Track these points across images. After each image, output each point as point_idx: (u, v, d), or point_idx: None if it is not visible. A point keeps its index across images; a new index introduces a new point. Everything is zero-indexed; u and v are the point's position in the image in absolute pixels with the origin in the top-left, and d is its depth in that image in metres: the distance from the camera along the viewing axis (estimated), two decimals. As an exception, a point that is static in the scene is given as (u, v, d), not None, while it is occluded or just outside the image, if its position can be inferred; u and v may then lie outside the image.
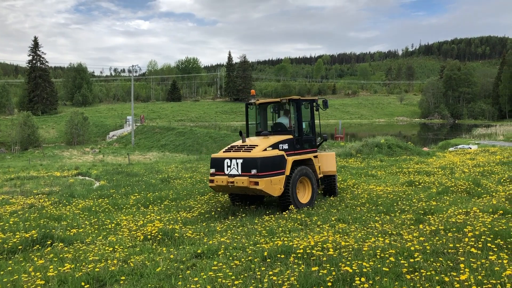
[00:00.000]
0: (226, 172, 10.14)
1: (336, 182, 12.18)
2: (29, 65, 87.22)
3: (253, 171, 9.71)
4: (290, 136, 10.86)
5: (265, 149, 10.11)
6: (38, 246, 7.75)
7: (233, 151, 10.39)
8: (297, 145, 10.99)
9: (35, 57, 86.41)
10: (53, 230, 8.60)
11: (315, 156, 11.53)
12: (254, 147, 10.24)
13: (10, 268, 6.49)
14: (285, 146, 10.57)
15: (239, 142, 10.87)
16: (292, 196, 10.25)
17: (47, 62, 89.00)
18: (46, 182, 18.66)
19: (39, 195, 14.58)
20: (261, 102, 11.96)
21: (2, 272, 6.30)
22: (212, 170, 10.44)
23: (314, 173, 11.14)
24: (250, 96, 12.20)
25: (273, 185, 9.82)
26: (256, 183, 9.67)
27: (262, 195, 10.73)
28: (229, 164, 10.12)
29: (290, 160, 10.37)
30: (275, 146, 10.32)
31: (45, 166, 28.19)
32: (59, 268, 6.16)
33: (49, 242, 7.88)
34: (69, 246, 7.72)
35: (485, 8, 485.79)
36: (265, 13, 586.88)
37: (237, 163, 9.99)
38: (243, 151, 10.25)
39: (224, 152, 10.55)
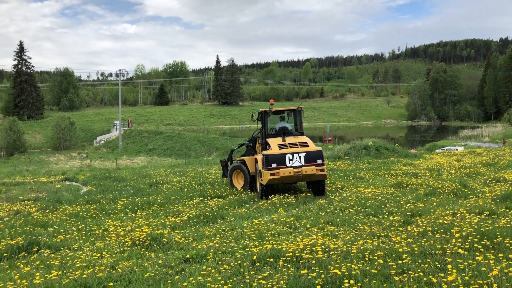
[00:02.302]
0: (289, 164, 11.99)
1: None
2: (15, 70, 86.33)
3: (319, 161, 12.21)
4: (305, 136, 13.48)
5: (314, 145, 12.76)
6: (24, 253, 7.64)
7: (289, 148, 12.37)
8: None
9: (21, 61, 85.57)
10: (40, 237, 8.50)
11: None
12: (306, 143, 12.67)
13: (-5, 276, 6.39)
14: None
15: (279, 140, 12.78)
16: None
17: (33, 66, 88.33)
18: (32, 188, 18.45)
19: (25, 201, 14.40)
20: (275, 110, 13.98)
21: (-13, 280, 6.20)
22: (274, 165, 11.98)
23: None
24: (270, 105, 14.21)
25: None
26: (322, 170, 12.24)
27: (315, 180, 12.64)
28: (291, 158, 12.04)
29: None
30: None
31: (31, 172, 27.89)
32: (45, 275, 6.08)
33: (35, 249, 7.78)
34: (56, 253, 7.62)
35: (469, 11, 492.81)
36: (252, 17, 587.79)
37: (299, 156, 12.10)
38: (300, 147, 12.44)
39: (280, 149, 12.31)
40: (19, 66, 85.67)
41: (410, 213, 9.01)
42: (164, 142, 55.49)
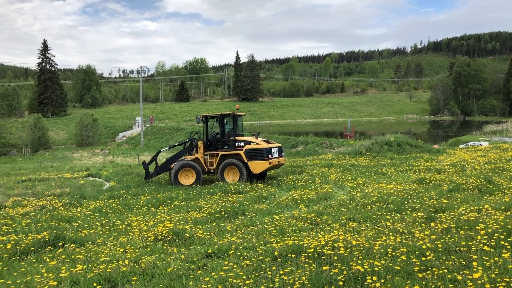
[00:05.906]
0: (273, 156, 15.95)
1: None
2: (39, 68, 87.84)
3: (283, 154, 16.95)
4: None
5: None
6: (50, 247, 7.81)
7: (269, 144, 16.29)
8: None
9: (45, 59, 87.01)
10: (65, 231, 8.67)
11: None
12: (272, 141, 17.49)
13: (23, 269, 6.55)
14: None
15: (252, 138, 16.22)
16: None
17: (56, 64, 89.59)
18: (57, 183, 18.81)
19: (50, 197, 14.69)
20: (237, 114, 16.86)
21: (15, 273, 6.36)
22: (270, 156, 15.72)
23: None
24: (236, 110, 17.98)
25: None
26: (284, 160, 17.27)
27: (277, 168, 17.48)
28: (273, 151, 16.04)
29: None
30: None
31: (55, 168, 28.42)
32: (71, 269, 6.21)
33: (61, 243, 7.94)
34: (80, 247, 7.77)
35: (494, 2, 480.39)
36: (271, 12, 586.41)
37: (276, 150, 16.29)
38: (272, 143, 16.51)
39: (267, 144, 16.03)
40: (43, 64, 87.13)
41: (433, 210, 8.88)
42: (185, 138, 55.91)
